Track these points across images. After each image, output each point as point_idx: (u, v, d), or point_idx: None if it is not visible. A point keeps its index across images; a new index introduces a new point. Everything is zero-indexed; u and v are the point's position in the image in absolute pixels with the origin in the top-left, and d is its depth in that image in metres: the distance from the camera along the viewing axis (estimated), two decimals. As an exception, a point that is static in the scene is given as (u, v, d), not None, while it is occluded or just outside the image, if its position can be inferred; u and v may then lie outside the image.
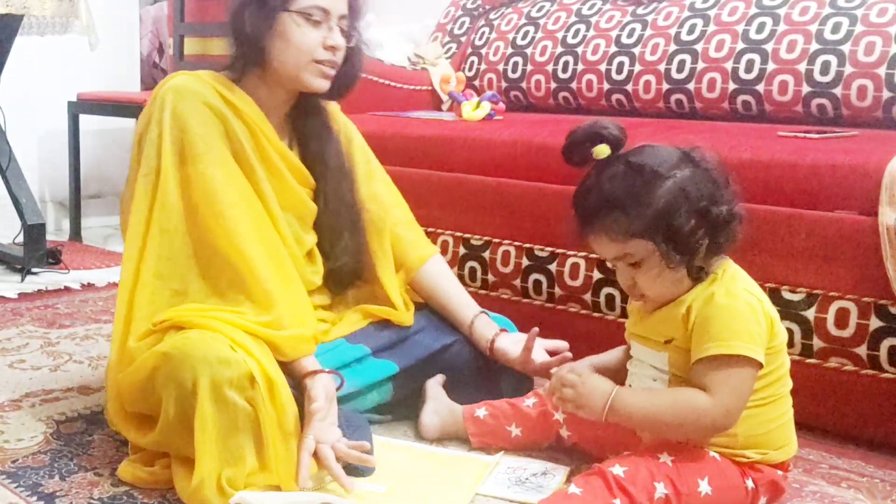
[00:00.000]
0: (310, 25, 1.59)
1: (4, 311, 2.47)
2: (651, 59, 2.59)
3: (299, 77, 1.62)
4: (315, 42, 1.60)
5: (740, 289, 1.35)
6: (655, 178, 1.32)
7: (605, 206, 1.34)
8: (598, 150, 1.36)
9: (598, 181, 1.36)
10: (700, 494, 1.34)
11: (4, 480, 1.46)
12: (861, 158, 1.70)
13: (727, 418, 1.32)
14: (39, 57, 3.55)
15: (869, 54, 2.21)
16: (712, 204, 1.32)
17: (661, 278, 1.35)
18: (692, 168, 1.34)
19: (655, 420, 1.35)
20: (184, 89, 1.58)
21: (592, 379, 1.38)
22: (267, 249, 1.54)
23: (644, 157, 1.35)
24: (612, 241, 1.35)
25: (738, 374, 1.31)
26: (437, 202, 2.32)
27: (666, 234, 1.31)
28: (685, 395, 1.33)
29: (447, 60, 3.18)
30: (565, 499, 1.30)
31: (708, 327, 1.32)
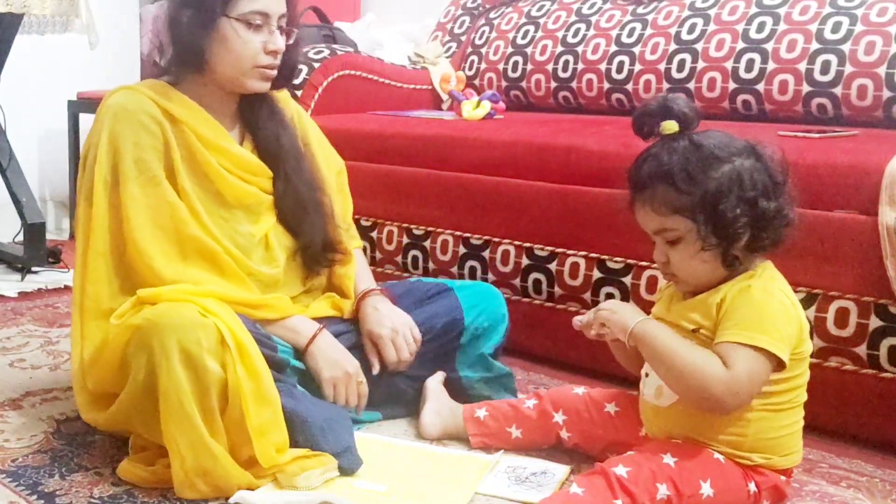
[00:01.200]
0: (250, 31, 1.59)
1: (4, 311, 2.47)
2: (651, 59, 2.59)
3: (240, 81, 1.63)
4: (256, 48, 1.60)
5: (776, 288, 1.35)
6: (712, 160, 1.33)
7: (656, 177, 1.35)
8: (666, 125, 1.37)
9: (659, 152, 1.36)
10: (702, 496, 1.33)
11: (5, 479, 1.46)
12: (861, 158, 1.70)
13: (732, 397, 1.30)
14: (39, 56, 3.55)
15: (869, 54, 2.21)
16: (762, 197, 1.33)
17: (695, 260, 1.35)
18: (753, 160, 1.35)
19: (667, 360, 1.34)
20: (120, 110, 1.58)
21: (627, 305, 1.43)
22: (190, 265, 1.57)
23: (708, 138, 1.36)
24: (655, 213, 1.36)
25: (757, 362, 1.30)
26: (436, 201, 2.32)
27: (709, 215, 1.32)
28: (706, 355, 1.32)
29: (447, 59, 3.18)
30: (567, 499, 1.30)
31: (736, 315, 1.32)
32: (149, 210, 1.55)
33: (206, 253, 1.59)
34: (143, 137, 1.57)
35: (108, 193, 1.56)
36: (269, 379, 1.44)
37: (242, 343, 1.42)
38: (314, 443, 1.48)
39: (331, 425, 1.51)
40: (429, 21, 3.46)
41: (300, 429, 1.49)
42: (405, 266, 2.39)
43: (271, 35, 1.61)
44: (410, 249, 2.37)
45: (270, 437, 1.43)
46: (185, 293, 1.49)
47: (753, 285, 1.34)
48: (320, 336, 1.65)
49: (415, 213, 2.36)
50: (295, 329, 1.64)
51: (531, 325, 2.10)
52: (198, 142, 1.62)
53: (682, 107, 1.37)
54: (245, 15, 1.58)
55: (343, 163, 1.93)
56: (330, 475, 1.46)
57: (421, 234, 2.36)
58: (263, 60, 1.61)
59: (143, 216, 1.55)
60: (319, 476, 1.44)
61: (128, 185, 1.55)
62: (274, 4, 1.61)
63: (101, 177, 1.56)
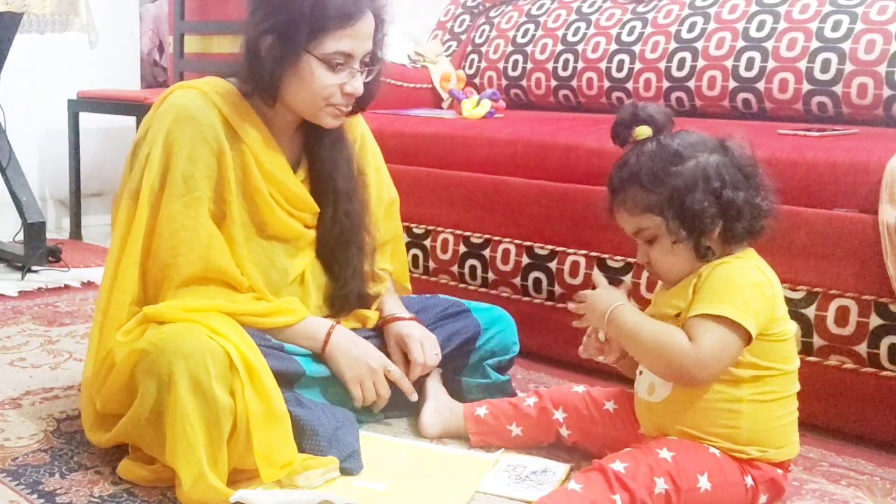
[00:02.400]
0: (330, 71, 1.53)
1: (5, 310, 2.47)
2: (651, 57, 2.59)
3: (312, 115, 1.59)
4: (333, 88, 1.55)
5: (751, 264, 1.38)
6: (676, 157, 1.37)
7: (627, 180, 1.41)
8: (639, 131, 1.42)
9: (629, 157, 1.42)
10: (700, 490, 1.34)
11: (5, 478, 1.46)
12: (861, 156, 1.70)
13: (699, 368, 1.33)
14: (39, 55, 3.55)
15: (869, 52, 2.20)
16: (728, 188, 1.36)
17: (671, 255, 1.39)
18: (720, 155, 1.39)
19: (637, 339, 1.38)
20: (184, 114, 1.53)
21: (603, 290, 1.46)
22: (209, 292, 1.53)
23: (675, 138, 1.41)
24: (629, 215, 1.42)
25: (721, 332, 1.33)
26: (437, 200, 2.32)
27: (677, 210, 1.36)
28: (671, 330, 1.36)
29: (447, 58, 3.17)
30: (565, 495, 1.30)
31: (705, 290, 1.36)
32: (184, 231, 1.51)
33: (229, 282, 1.55)
34: (200, 151, 1.52)
35: (153, 201, 1.52)
36: (279, 398, 1.42)
37: (252, 365, 1.41)
38: (321, 451, 1.48)
39: (338, 435, 1.51)
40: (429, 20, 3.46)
41: (309, 438, 1.49)
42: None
43: (352, 77, 1.55)
44: (410, 248, 2.37)
45: (277, 458, 1.41)
46: (191, 310, 1.46)
47: (728, 261, 1.38)
48: (334, 334, 1.61)
49: (415, 212, 2.36)
50: (308, 334, 1.60)
51: (531, 323, 2.10)
52: (255, 167, 1.57)
53: (651, 112, 1.42)
54: (328, 55, 1.52)
55: (396, 196, 1.89)
56: (331, 475, 1.46)
57: (421, 232, 2.36)
58: (338, 101, 1.56)
59: (175, 235, 1.50)
60: (320, 476, 1.44)
61: (170, 201, 1.51)
62: (360, 45, 1.55)
63: (150, 182, 1.52)
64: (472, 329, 1.78)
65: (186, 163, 1.51)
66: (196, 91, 1.56)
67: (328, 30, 1.51)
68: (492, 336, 1.79)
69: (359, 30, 1.54)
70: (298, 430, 1.48)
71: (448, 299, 1.87)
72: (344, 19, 1.52)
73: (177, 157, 1.51)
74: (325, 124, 1.60)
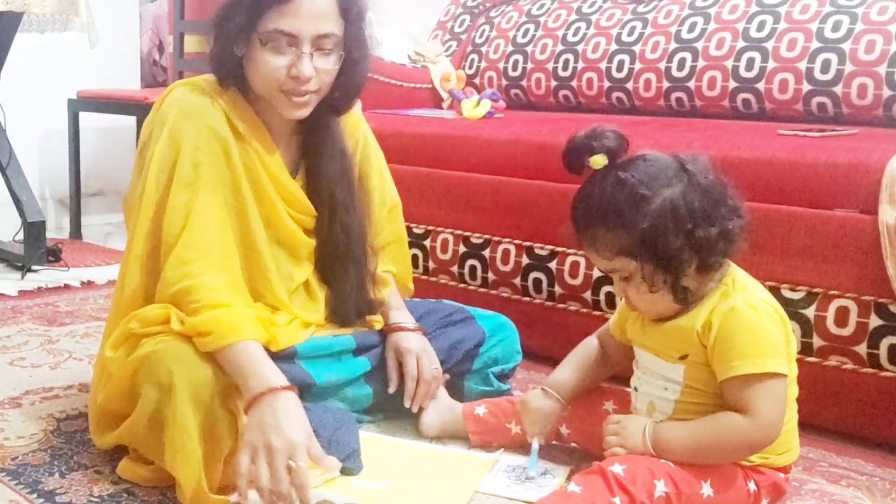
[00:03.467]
0: (274, 52, 1.45)
1: (4, 309, 2.47)
2: (651, 58, 2.59)
3: (273, 104, 1.51)
4: (279, 71, 1.46)
5: (758, 300, 1.33)
6: (642, 198, 1.29)
7: (593, 220, 1.34)
8: (595, 161, 1.35)
9: (590, 193, 1.35)
10: (702, 496, 1.33)
11: (5, 478, 1.46)
12: (861, 157, 1.70)
13: (771, 431, 1.31)
14: (39, 54, 3.55)
15: (869, 52, 2.20)
16: (700, 225, 1.29)
17: (649, 296, 1.34)
18: (685, 183, 1.31)
19: (696, 452, 1.33)
20: (187, 107, 1.50)
21: (625, 421, 1.39)
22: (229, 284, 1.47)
23: (635, 171, 1.32)
24: (599, 256, 1.36)
25: (773, 386, 1.30)
26: (437, 200, 2.32)
27: (650, 255, 1.30)
28: (723, 420, 1.32)
29: (447, 58, 3.17)
30: (565, 497, 1.30)
31: (733, 343, 1.30)
32: (196, 216, 1.46)
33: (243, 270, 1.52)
34: (208, 140, 1.49)
35: (159, 196, 1.48)
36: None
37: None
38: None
39: (338, 435, 1.51)
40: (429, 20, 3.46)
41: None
42: (405, 265, 2.39)
43: (299, 59, 1.45)
44: (410, 248, 2.36)
45: None
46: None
47: (738, 305, 1.32)
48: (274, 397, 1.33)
49: (415, 213, 2.35)
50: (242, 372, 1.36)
51: (531, 324, 2.10)
52: (259, 164, 1.54)
53: (607, 140, 1.33)
54: (268, 34, 1.45)
55: (398, 199, 1.84)
56: (331, 475, 1.46)
57: (421, 233, 2.36)
58: (286, 85, 1.47)
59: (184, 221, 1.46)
60: (320, 476, 1.44)
61: (178, 191, 1.47)
62: (306, 25, 1.44)
63: (155, 176, 1.48)
64: (477, 337, 1.77)
65: (194, 151, 1.48)
66: (194, 88, 1.54)
67: (265, 6, 1.44)
68: (495, 344, 1.79)
69: (301, 7, 1.44)
70: None
71: (452, 305, 1.86)
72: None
73: (185, 147, 1.48)
74: (286, 114, 1.52)
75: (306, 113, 1.53)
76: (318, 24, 1.46)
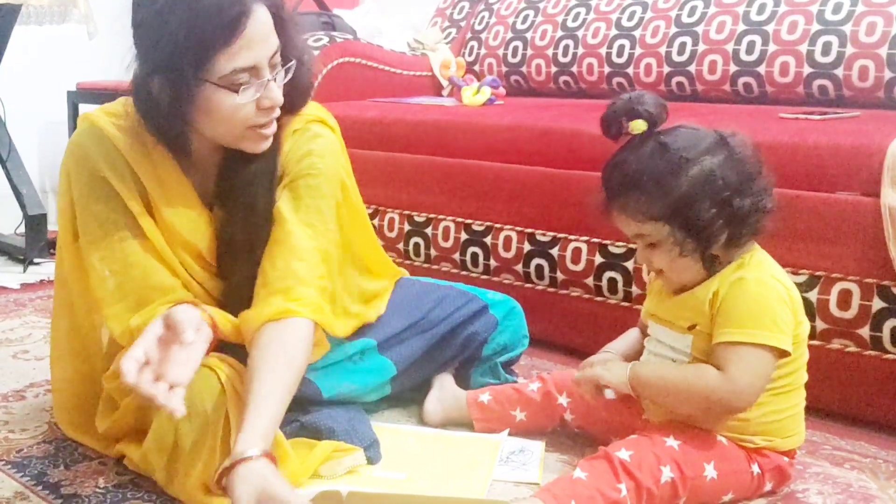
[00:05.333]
0: (237, 92, 1.32)
1: (7, 302, 2.47)
2: (651, 42, 2.58)
3: (235, 144, 1.40)
4: (247, 109, 1.34)
5: (768, 276, 1.34)
6: (681, 162, 1.30)
7: (628, 184, 1.33)
8: (634, 125, 1.34)
9: (627, 157, 1.34)
10: (706, 479, 1.34)
11: (10, 470, 1.47)
12: (863, 139, 1.69)
13: (737, 397, 1.30)
14: (38, 46, 3.54)
15: (870, 34, 2.20)
16: (736, 196, 1.30)
17: (676, 262, 1.35)
18: (724, 155, 1.32)
19: (666, 392, 1.36)
20: (80, 153, 1.40)
21: (608, 358, 1.45)
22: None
23: (676, 138, 1.33)
24: (630, 220, 1.36)
25: (755, 355, 1.30)
26: (438, 188, 2.31)
27: (683, 221, 1.31)
28: (694, 369, 1.34)
29: (447, 45, 3.16)
30: (571, 483, 1.30)
31: (732, 312, 1.31)
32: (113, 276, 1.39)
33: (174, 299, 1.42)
34: (103, 190, 1.39)
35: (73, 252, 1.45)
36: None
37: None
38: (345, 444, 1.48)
39: (354, 425, 1.51)
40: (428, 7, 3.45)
41: (327, 437, 1.48)
42: (407, 253, 2.38)
43: (265, 88, 1.33)
44: (412, 236, 2.37)
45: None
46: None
47: (747, 277, 1.33)
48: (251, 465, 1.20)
49: (416, 200, 2.35)
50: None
51: (534, 310, 2.09)
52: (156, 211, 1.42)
53: (649, 106, 1.33)
54: (227, 77, 1.30)
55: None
56: (357, 463, 1.46)
57: (422, 220, 2.36)
58: (259, 120, 1.36)
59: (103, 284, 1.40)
60: (342, 466, 1.44)
61: (89, 251, 1.41)
62: (260, 51, 1.31)
63: (64, 232, 1.45)
64: (490, 328, 1.76)
65: (94, 204, 1.40)
66: (90, 124, 1.43)
67: (215, 49, 1.29)
68: (503, 330, 1.78)
69: (251, 35, 1.30)
70: (314, 433, 1.48)
71: (463, 293, 1.80)
72: (228, 32, 1.28)
73: (84, 200, 1.41)
74: (252, 150, 1.40)
75: (268, 144, 1.42)
76: (269, 42, 1.34)
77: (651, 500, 1.31)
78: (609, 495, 1.28)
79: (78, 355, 1.53)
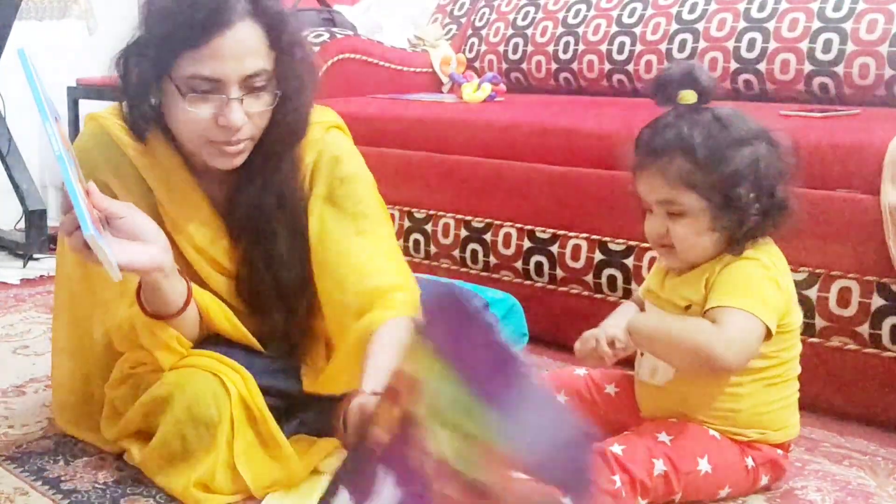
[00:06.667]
0: (197, 100, 1.25)
1: (7, 298, 2.48)
2: (652, 39, 2.58)
3: (203, 157, 1.33)
4: (202, 122, 1.26)
5: (767, 260, 1.36)
6: (736, 140, 1.31)
7: (675, 147, 1.32)
8: (686, 95, 1.34)
9: (679, 123, 1.33)
10: (700, 473, 1.34)
11: (10, 466, 1.47)
12: (863, 137, 1.69)
13: (730, 352, 1.28)
14: (38, 42, 3.53)
15: (871, 32, 2.19)
16: (773, 187, 1.32)
17: (699, 237, 1.34)
18: (771, 145, 1.34)
19: (660, 339, 1.35)
20: (83, 159, 1.35)
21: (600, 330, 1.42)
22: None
23: (731, 117, 1.34)
24: (666, 184, 1.34)
25: (745, 319, 1.30)
26: (437, 184, 2.31)
27: (723, 198, 1.31)
28: (694, 320, 1.33)
29: (447, 42, 3.16)
30: (567, 479, 1.30)
31: (724, 285, 1.33)
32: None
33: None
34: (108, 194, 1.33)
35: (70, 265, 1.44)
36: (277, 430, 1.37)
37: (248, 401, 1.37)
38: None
39: None
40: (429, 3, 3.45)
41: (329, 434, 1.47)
42: (407, 250, 2.38)
43: (227, 106, 1.24)
44: (412, 233, 2.37)
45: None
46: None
47: (742, 258, 1.35)
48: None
49: (416, 197, 2.35)
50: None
51: (533, 307, 2.10)
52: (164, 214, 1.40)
53: (705, 80, 1.34)
54: (185, 80, 1.24)
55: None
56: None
57: (422, 217, 2.36)
58: (216, 136, 1.28)
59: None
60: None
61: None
62: (231, 67, 1.23)
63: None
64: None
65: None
66: (98, 126, 1.41)
67: (179, 49, 1.24)
68: (503, 327, 1.78)
69: (222, 48, 1.23)
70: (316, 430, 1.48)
71: (462, 289, 1.79)
72: (197, 34, 1.21)
73: None
74: (216, 165, 1.32)
75: (241, 161, 1.34)
76: (246, 62, 1.25)
77: (646, 493, 1.32)
78: (604, 487, 1.29)
79: (77, 353, 1.53)
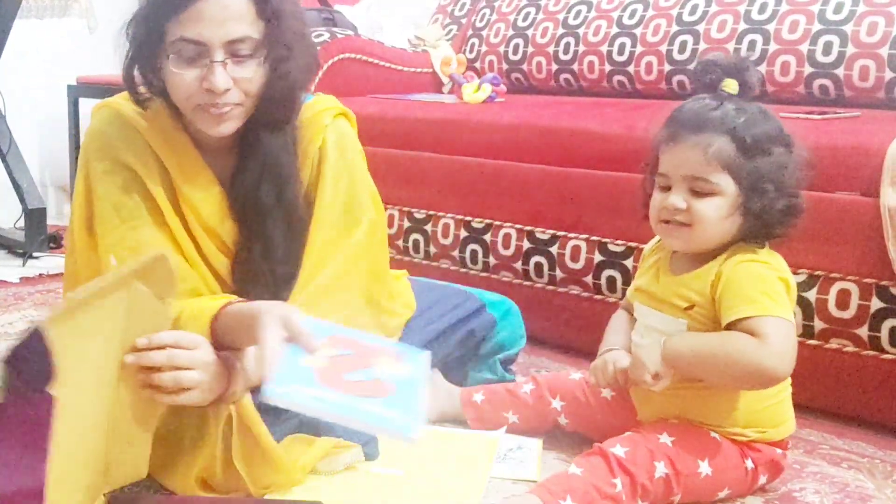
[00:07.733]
0: (183, 63, 1.31)
1: (6, 296, 2.47)
2: (653, 40, 2.58)
3: (195, 122, 1.37)
4: (190, 85, 1.32)
5: (772, 260, 1.37)
6: (777, 137, 1.35)
7: (722, 127, 1.33)
8: (729, 84, 1.37)
9: (725, 105, 1.35)
10: (700, 475, 1.34)
11: (8, 464, 1.47)
12: (863, 139, 1.69)
13: (778, 360, 1.28)
14: (38, 40, 3.54)
15: (871, 34, 2.19)
16: (796, 188, 1.35)
17: (720, 220, 1.34)
18: (797, 150, 1.37)
19: (704, 362, 1.33)
20: (101, 140, 1.40)
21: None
22: None
23: (774, 115, 1.37)
24: (703, 160, 1.33)
25: (783, 326, 1.30)
26: (438, 185, 2.31)
27: (753, 188, 1.32)
28: (728, 336, 1.31)
29: (448, 42, 3.16)
30: (567, 479, 1.31)
31: (741, 290, 1.32)
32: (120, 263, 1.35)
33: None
34: (124, 177, 1.40)
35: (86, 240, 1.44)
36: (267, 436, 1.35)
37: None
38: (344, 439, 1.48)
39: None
40: (429, 3, 3.45)
41: (326, 434, 1.47)
42: (406, 250, 2.38)
43: (209, 70, 1.30)
44: (411, 233, 2.37)
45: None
46: None
47: (747, 259, 1.35)
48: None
49: (416, 197, 2.35)
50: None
51: (532, 308, 2.10)
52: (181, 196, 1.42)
53: (752, 74, 1.37)
54: (172, 44, 1.30)
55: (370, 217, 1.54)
56: (356, 459, 1.46)
57: (422, 217, 2.36)
58: (200, 99, 1.32)
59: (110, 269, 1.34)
60: (341, 462, 1.44)
61: (105, 235, 1.40)
62: (212, 31, 1.28)
63: (79, 219, 1.44)
64: (487, 327, 1.76)
65: (113, 192, 1.40)
66: (109, 110, 1.44)
67: (168, 14, 1.30)
68: (501, 329, 1.78)
69: (204, 11, 1.29)
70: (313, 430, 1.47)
71: (461, 292, 1.80)
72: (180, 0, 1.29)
73: (103, 188, 1.40)
74: (208, 132, 1.37)
75: (231, 128, 1.37)
76: (228, 27, 1.30)
77: (646, 496, 1.32)
78: (604, 490, 1.29)
79: None
